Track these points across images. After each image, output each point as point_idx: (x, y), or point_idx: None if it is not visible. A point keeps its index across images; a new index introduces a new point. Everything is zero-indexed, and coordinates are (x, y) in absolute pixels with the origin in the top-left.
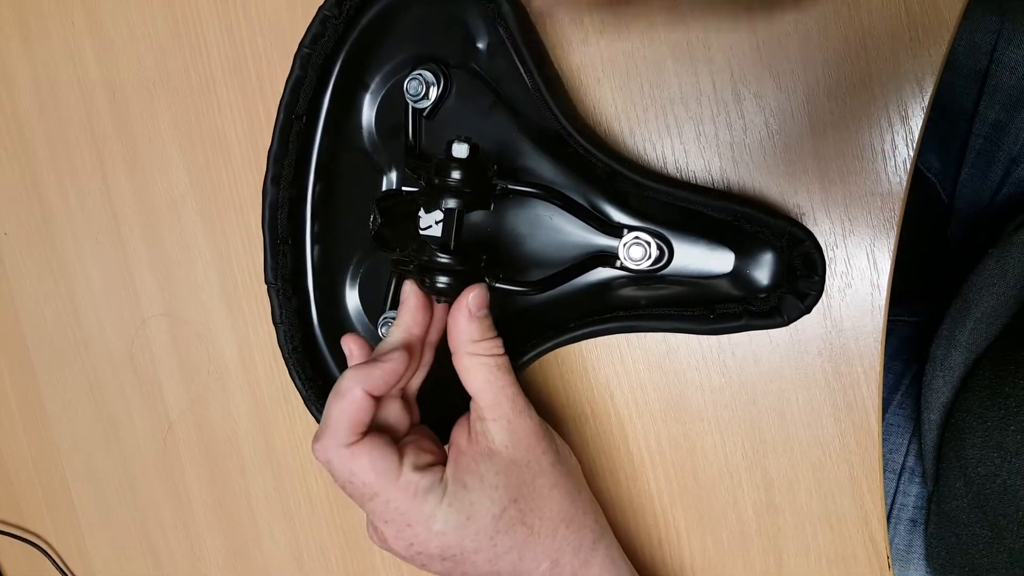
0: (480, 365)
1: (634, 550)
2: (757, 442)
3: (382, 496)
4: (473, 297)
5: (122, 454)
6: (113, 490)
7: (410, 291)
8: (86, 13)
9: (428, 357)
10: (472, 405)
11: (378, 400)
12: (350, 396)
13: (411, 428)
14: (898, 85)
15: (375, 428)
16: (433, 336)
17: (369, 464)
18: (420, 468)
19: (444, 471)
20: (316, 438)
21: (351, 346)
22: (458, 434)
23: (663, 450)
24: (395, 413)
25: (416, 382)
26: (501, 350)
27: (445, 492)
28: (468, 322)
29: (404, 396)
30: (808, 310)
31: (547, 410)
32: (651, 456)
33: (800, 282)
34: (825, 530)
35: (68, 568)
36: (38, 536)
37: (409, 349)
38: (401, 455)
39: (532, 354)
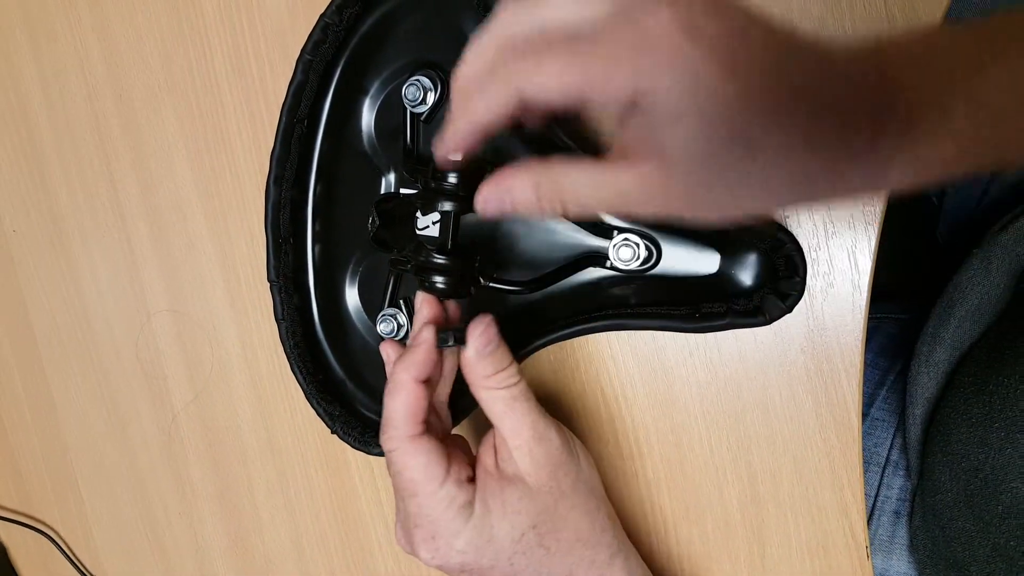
0: (495, 398)
1: None
2: (742, 436)
3: (420, 498)
4: (479, 336)
5: (128, 445)
6: (119, 480)
7: (422, 301)
8: (93, 17)
9: (452, 364)
10: (495, 429)
11: (429, 386)
12: (404, 389)
13: (445, 437)
14: None
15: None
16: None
17: (424, 463)
18: (459, 482)
19: (475, 490)
20: (383, 430)
21: (388, 351)
22: (485, 453)
23: (651, 444)
24: (443, 414)
25: (444, 391)
26: (515, 379)
27: (472, 513)
28: (476, 361)
29: (434, 406)
30: (789, 310)
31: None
32: (640, 449)
33: (782, 283)
34: (807, 522)
35: (74, 555)
36: (45, 524)
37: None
38: (449, 465)
39: (525, 351)
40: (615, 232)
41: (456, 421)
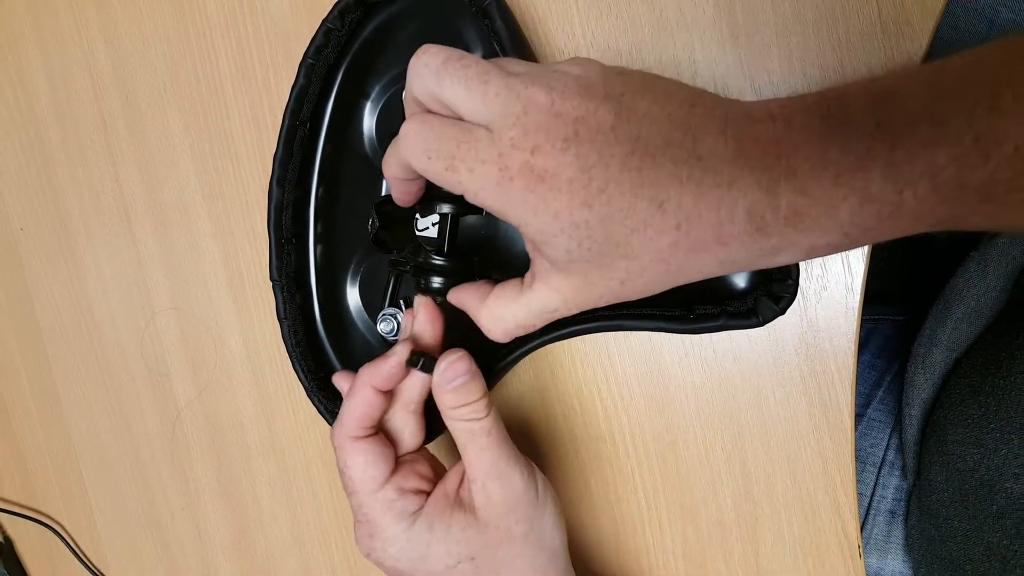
0: (459, 429)
1: (619, 538)
2: (736, 436)
3: (359, 496)
4: (445, 368)
5: (132, 441)
6: (123, 475)
7: (420, 304)
8: (100, 20)
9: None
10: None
11: (388, 396)
12: (360, 393)
13: (421, 447)
14: None
15: (385, 433)
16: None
17: (362, 465)
18: (403, 491)
19: (424, 503)
20: (335, 425)
21: (342, 384)
22: (453, 475)
23: (647, 443)
24: (411, 428)
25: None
26: (481, 414)
27: (412, 524)
28: (441, 392)
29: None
30: (782, 312)
31: (537, 405)
32: (636, 448)
33: (775, 285)
34: (800, 520)
35: (79, 548)
36: (51, 518)
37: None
38: (393, 471)
39: (522, 351)
40: None
41: (428, 439)
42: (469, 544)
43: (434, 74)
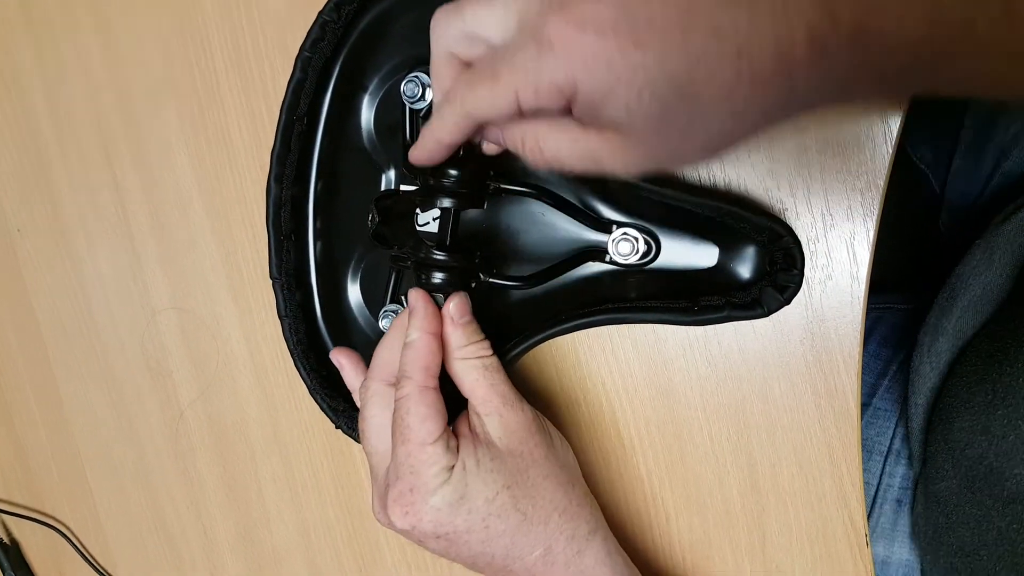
0: (469, 368)
1: (625, 531)
2: (742, 426)
3: (409, 447)
4: (454, 306)
5: (136, 441)
6: (128, 475)
7: (416, 297)
8: (93, 17)
9: None
10: (468, 404)
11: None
12: (420, 341)
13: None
14: None
15: None
16: None
17: (425, 414)
18: (449, 447)
19: (459, 458)
20: (400, 384)
21: (340, 359)
22: (460, 424)
23: (652, 435)
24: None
25: None
26: (489, 352)
27: (451, 472)
28: (452, 329)
29: None
30: (787, 302)
31: (542, 397)
32: (641, 440)
33: (780, 275)
34: (806, 510)
35: (86, 549)
36: (56, 519)
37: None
38: (445, 427)
39: (526, 344)
40: (614, 226)
41: None
42: (502, 473)
43: (455, 12)
